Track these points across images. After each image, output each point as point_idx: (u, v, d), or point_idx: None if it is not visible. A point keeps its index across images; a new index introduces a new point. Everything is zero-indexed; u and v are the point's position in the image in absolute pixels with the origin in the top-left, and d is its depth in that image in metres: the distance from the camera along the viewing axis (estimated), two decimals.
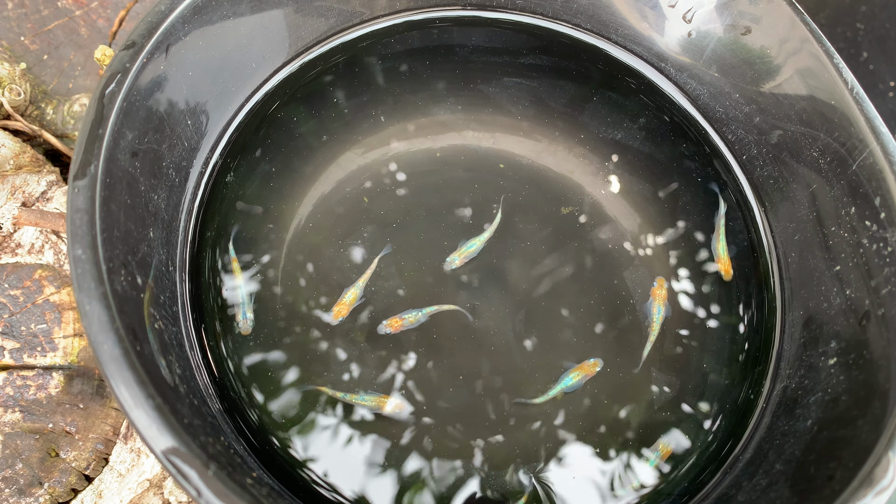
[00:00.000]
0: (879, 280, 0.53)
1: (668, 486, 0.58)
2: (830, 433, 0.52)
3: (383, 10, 0.69)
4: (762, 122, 0.64)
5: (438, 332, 0.61)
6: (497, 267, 0.64)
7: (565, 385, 0.60)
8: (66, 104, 0.78)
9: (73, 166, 0.46)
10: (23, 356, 0.62)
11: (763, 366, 0.62)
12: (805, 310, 0.60)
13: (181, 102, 0.58)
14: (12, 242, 0.66)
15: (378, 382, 0.59)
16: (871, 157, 0.54)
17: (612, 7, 0.69)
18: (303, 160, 0.66)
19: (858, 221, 0.55)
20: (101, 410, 0.63)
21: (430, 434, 0.58)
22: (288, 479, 0.55)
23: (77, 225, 0.44)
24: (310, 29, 0.67)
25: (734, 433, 0.60)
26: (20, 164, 0.70)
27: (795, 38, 0.59)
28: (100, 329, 0.42)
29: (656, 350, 0.62)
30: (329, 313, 0.60)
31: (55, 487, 0.60)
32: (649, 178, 0.68)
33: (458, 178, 0.67)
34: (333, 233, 0.63)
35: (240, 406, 0.57)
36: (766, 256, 0.65)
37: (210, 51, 0.59)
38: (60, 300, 0.64)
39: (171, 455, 0.40)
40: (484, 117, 0.69)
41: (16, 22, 0.80)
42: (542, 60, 0.71)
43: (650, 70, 0.70)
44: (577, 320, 0.63)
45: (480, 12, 0.71)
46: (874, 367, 0.51)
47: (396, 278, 0.62)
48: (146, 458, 0.62)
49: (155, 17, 0.54)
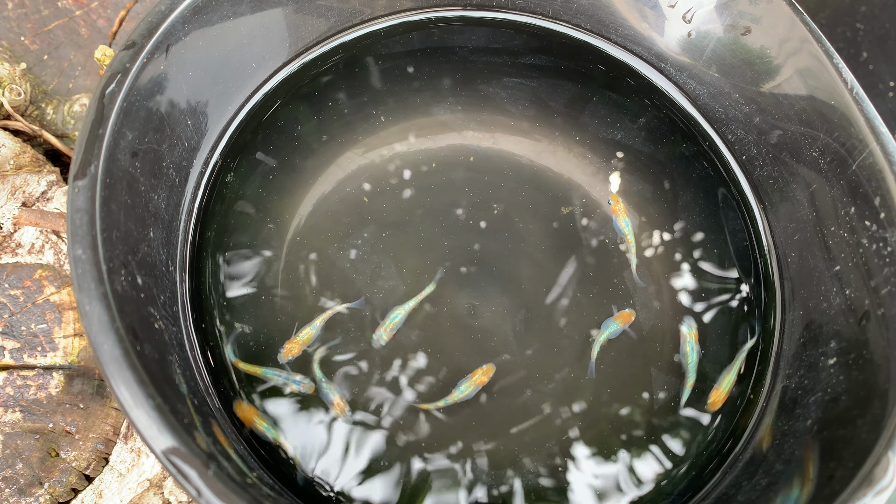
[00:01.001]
0: (879, 280, 0.53)
1: (668, 486, 0.58)
2: (830, 433, 0.52)
3: (383, 10, 0.69)
4: (762, 122, 0.64)
5: (439, 332, 0.61)
6: (497, 267, 0.64)
7: (610, 332, 0.61)
8: (66, 104, 0.78)
9: (74, 166, 0.46)
10: (23, 356, 0.62)
11: (763, 366, 0.62)
12: (805, 310, 0.60)
13: (181, 102, 0.58)
14: (12, 242, 0.66)
15: (378, 382, 0.59)
16: (871, 157, 0.54)
17: (612, 7, 0.69)
18: (303, 160, 0.66)
19: (858, 221, 0.55)
20: (102, 410, 0.63)
21: (429, 434, 0.58)
22: (288, 479, 0.55)
23: (77, 225, 0.44)
24: (310, 29, 0.67)
25: (734, 433, 0.60)
26: (20, 164, 0.70)
27: (795, 38, 0.59)
28: (100, 329, 0.42)
29: (657, 350, 0.62)
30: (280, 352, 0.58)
31: (55, 487, 0.60)
32: (649, 178, 0.68)
33: (458, 178, 0.67)
34: (334, 232, 0.63)
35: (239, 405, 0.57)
36: (766, 256, 0.65)
37: (210, 51, 0.59)
38: (60, 300, 0.64)
39: (171, 455, 0.40)
40: (484, 117, 0.69)
41: (16, 22, 0.80)
42: (542, 60, 0.71)
43: (650, 70, 0.70)
44: (577, 320, 0.63)
45: (480, 12, 0.71)
46: (874, 367, 0.51)
47: (395, 278, 0.62)
48: (146, 458, 0.62)
49: (155, 17, 0.54)
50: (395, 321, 0.60)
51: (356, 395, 0.59)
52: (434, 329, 0.61)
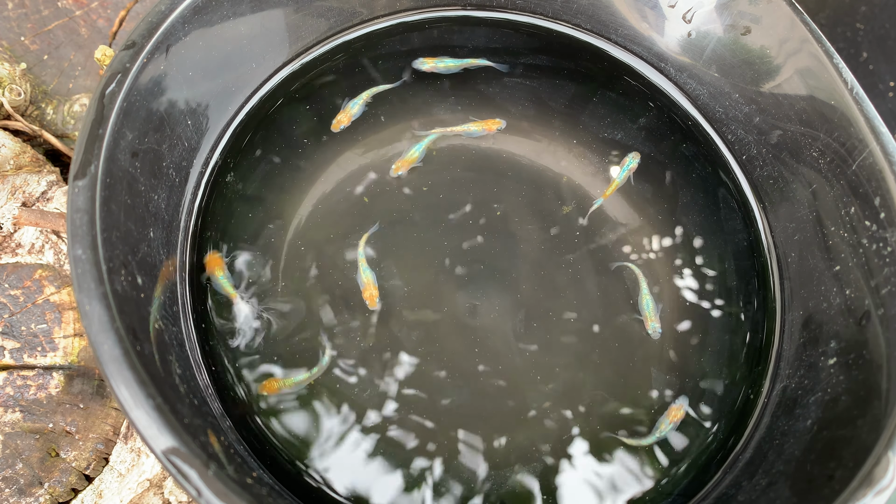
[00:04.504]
0: (879, 280, 0.53)
1: (668, 486, 0.58)
2: (830, 433, 0.52)
3: (383, 10, 0.69)
4: (762, 122, 0.64)
5: (438, 332, 0.61)
6: (497, 267, 0.64)
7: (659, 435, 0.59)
8: (66, 104, 0.78)
9: (74, 166, 0.46)
10: (23, 356, 0.62)
11: (763, 366, 0.62)
12: (805, 310, 0.60)
13: (181, 102, 0.58)
14: (12, 242, 0.66)
15: (378, 382, 0.59)
16: (871, 157, 0.54)
17: (612, 7, 0.69)
18: (303, 160, 0.66)
19: (858, 221, 0.55)
20: (102, 410, 0.63)
21: (429, 434, 0.58)
22: (288, 479, 0.55)
23: (77, 225, 0.44)
24: (310, 29, 0.67)
25: (734, 433, 0.60)
26: (20, 164, 0.70)
27: (795, 38, 0.59)
28: (100, 329, 0.42)
29: (656, 350, 0.62)
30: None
31: (55, 487, 0.60)
32: (649, 178, 0.68)
33: (459, 179, 0.67)
34: (334, 232, 0.63)
35: (240, 406, 0.57)
36: (766, 256, 0.65)
37: (210, 51, 0.59)
38: (60, 300, 0.64)
39: (171, 455, 0.40)
40: (484, 117, 0.69)
41: (16, 22, 0.80)
42: (542, 60, 0.71)
43: (650, 70, 0.70)
44: (577, 319, 0.63)
45: (480, 12, 0.71)
46: (874, 367, 0.51)
47: (396, 278, 0.62)
48: (146, 458, 0.62)
49: (155, 17, 0.54)
50: (412, 157, 0.64)
51: (356, 394, 0.59)
52: (434, 329, 0.61)
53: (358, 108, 0.66)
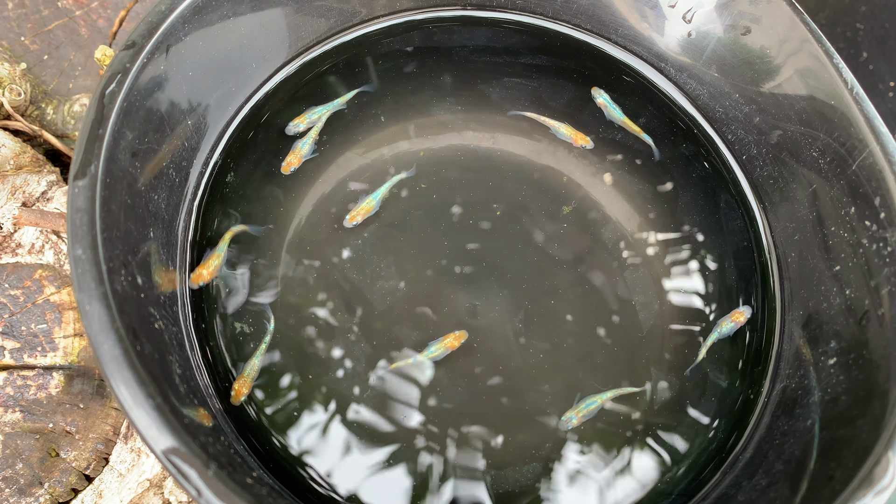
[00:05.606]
0: (879, 280, 0.53)
1: (668, 486, 0.58)
2: (830, 433, 0.52)
3: (383, 9, 0.69)
4: (762, 122, 0.64)
5: (438, 332, 0.61)
6: (497, 266, 0.64)
7: (719, 333, 0.62)
8: (66, 104, 0.78)
9: (74, 166, 0.46)
10: (23, 356, 0.62)
11: (763, 366, 0.62)
12: (805, 310, 0.60)
13: (181, 102, 0.58)
14: (12, 242, 0.66)
15: (378, 383, 0.59)
16: (871, 157, 0.54)
17: (612, 7, 0.69)
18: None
19: (858, 221, 0.55)
20: (102, 410, 0.63)
21: (429, 433, 0.58)
22: (288, 479, 0.55)
23: (77, 225, 0.44)
24: (310, 29, 0.67)
25: (734, 433, 0.60)
26: (20, 164, 0.70)
27: (795, 38, 0.59)
28: (100, 329, 0.42)
29: (656, 350, 0.62)
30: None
31: (55, 487, 0.60)
32: (649, 178, 0.68)
33: (459, 179, 0.67)
34: (334, 232, 0.63)
35: (240, 405, 0.57)
36: (766, 256, 0.65)
37: (210, 51, 0.59)
38: (60, 300, 0.64)
39: (171, 455, 0.40)
40: (484, 117, 0.69)
41: (16, 22, 0.80)
42: (542, 60, 0.71)
43: (650, 70, 0.70)
44: (577, 319, 0.63)
45: (480, 12, 0.71)
46: (874, 367, 0.51)
47: (396, 278, 0.62)
48: (146, 458, 0.62)
49: (155, 17, 0.54)
50: (368, 206, 0.63)
51: (356, 394, 0.59)
52: (434, 329, 0.61)
53: (308, 148, 0.64)
